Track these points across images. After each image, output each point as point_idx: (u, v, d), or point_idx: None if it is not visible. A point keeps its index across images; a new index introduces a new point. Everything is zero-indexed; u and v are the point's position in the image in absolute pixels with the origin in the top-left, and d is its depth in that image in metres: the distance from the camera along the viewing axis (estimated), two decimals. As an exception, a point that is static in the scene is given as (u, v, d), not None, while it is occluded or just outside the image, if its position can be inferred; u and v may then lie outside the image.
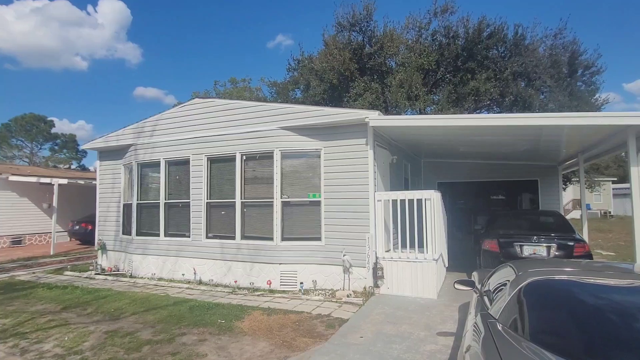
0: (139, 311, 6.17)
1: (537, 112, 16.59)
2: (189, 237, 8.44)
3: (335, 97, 18.50)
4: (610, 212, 32.96)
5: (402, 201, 6.91)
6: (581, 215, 9.53)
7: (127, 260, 9.33)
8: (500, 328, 2.66)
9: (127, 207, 9.64)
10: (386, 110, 16.31)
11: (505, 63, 17.39)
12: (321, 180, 7.38)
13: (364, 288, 6.87)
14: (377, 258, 6.93)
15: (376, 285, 6.85)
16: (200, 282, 8.07)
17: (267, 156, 7.65)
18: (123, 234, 9.71)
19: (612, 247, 13.22)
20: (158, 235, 8.85)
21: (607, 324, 2.44)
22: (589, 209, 26.41)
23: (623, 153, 8.56)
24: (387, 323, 5.32)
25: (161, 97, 77.30)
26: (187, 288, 7.78)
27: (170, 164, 8.91)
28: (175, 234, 8.73)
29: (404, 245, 6.91)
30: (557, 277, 2.88)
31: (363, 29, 18.48)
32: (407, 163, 10.15)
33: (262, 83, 30.31)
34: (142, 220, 9.27)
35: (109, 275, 9.20)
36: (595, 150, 7.75)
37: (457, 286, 4.02)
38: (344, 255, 6.98)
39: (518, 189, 11.75)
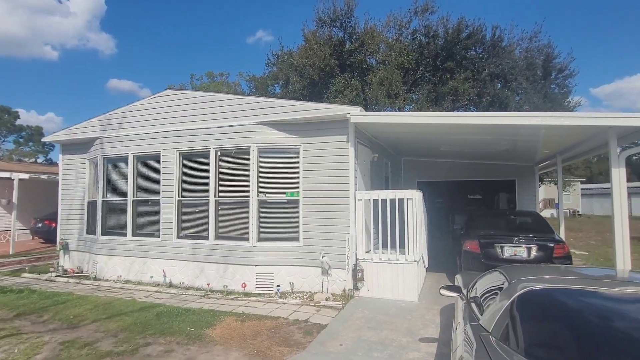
0: (101, 318, 5.70)
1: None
2: (158, 237, 7.95)
3: (315, 93, 18.18)
4: (578, 212, 34.15)
5: (383, 201, 6.69)
6: (558, 215, 9.62)
7: (92, 261, 8.74)
8: (494, 342, 2.45)
9: (91, 205, 9.03)
10: (366, 108, 16.12)
11: (483, 64, 17.56)
12: (300, 179, 7.07)
13: (344, 291, 6.62)
14: (357, 259, 6.69)
15: (356, 288, 6.61)
16: (170, 285, 7.62)
17: (243, 152, 7.27)
18: (87, 233, 9.10)
19: (583, 247, 13.51)
20: (125, 234, 8.31)
21: (606, 337, 2.26)
22: (558, 208, 27.22)
23: (594, 158, 8.72)
24: (367, 328, 5.08)
25: (136, 90, 74.84)
26: (156, 291, 7.31)
27: (140, 159, 8.38)
28: (143, 233, 8.22)
29: (384, 246, 6.70)
30: (552, 285, 2.69)
31: (344, 25, 18.23)
32: (387, 161, 9.97)
33: (240, 78, 29.66)
34: (108, 218, 8.70)
35: (71, 277, 8.59)
36: (574, 151, 7.78)
37: (443, 292, 3.81)
38: (322, 257, 6.70)
39: (496, 188, 11.81)
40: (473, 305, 3.37)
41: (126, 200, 8.34)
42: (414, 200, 6.56)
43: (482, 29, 17.67)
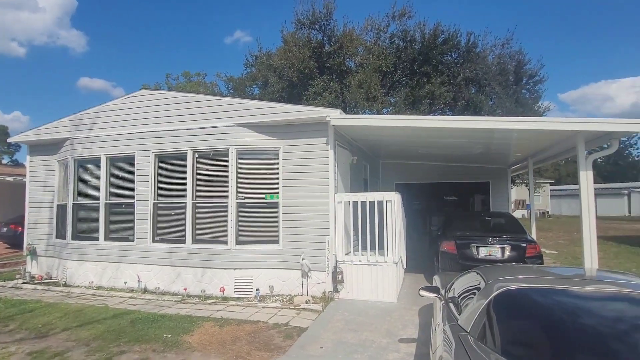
0: (71, 326, 5.47)
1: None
2: (133, 241, 7.71)
3: (294, 95, 18.16)
4: (548, 212, 35.47)
5: (363, 203, 6.74)
6: (530, 216, 9.96)
7: (61, 267, 8.39)
8: (472, 341, 2.50)
9: (61, 208, 8.68)
10: (345, 110, 16.22)
11: (458, 69, 17.99)
12: (279, 181, 7.03)
13: (323, 293, 6.62)
14: (336, 262, 6.70)
15: (336, 290, 6.62)
16: (145, 291, 7.40)
17: (222, 154, 7.17)
18: (57, 237, 8.74)
19: (553, 246, 14.02)
20: (97, 239, 8.02)
21: (578, 334, 2.35)
22: (529, 208, 28.19)
23: (562, 160, 9.08)
24: (347, 330, 5.09)
25: (108, 89, 72.72)
26: (130, 297, 7.09)
27: (113, 160, 8.12)
28: (117, 237, 7.96)
29: (364, 248, 6.74)
30: (526, 285, 2.77)
31: (323, 28, 18.31)
32: (366, 164, 10.05)
33: (218, 78, 29.30)
34: (78, 222, 8.38)
35: (40, 284, 8.22)
36: (544, 154, 8.07)
37: (422, 293, 3.86)
38: (302, 259, 6.68)
39: (471, 190, 12.10)
40: (451, 305, 3.44)
41: (98, 203, 8.06)
42: (392, 202, 6.64)
43: (457, 35, 18.12)
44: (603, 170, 53.56)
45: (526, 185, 24.04)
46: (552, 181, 37.83)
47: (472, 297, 3.04)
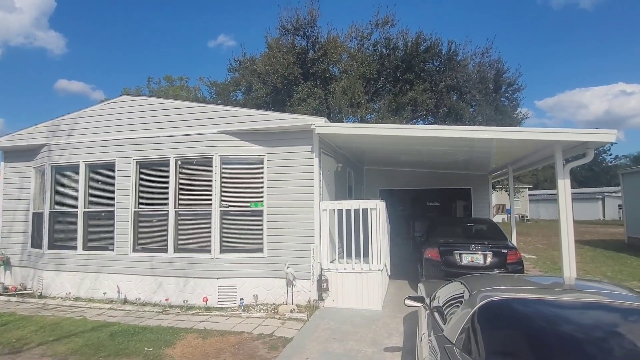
0: (47, 340, 5.28)
1: (467, 123, 17.72)
2: (112, 250, 7.52)
3: (278, 100, 18.14)
4: (527, 216, 36.33)
5: (348, 211, 6.75)
6: (510, 221, 10.19)
7: (37, 277, 8.10)
8: (457, 354, 2.52)
9: (37, 216, 8.40)
10: (329, 117, 16.30)
11: (440, 76, 18.34)
12: (264, 189, 6.99)
13: (308, 301, 6.58)
14: (321, 270, 6.68)
15: (321, 298, 6.60)
16: (125, 302, 7.21)
17: (206, 162, 7.08)
18: (32, 247, 8.44)
19: (532, 250, 14.35)
20: (75, 248, 7.78)
21: (560, 343, 2.41)
22: (509, 213, 28.85)
23: (541, 167, 9.34)
24: (333, 340, 5.07)
25: (87, 91, 71.09)
26: (110, 309, 6.89)
27: (92, 167, 7.92)
28: (96, 246, 7.75)
29: (349, 256, 6.75)
30: (509, 295, 2.82)
31: (307, 34, 18.38)
32: (351, 170, 10.09)
33: (201, 83, 29.06)
34: (55, 231, 8.12)
35: (13, 295, 7.91)
36: (523, 162, 8.28)
37: (408, 302, 3.88)
38: (287, 268, 6.64)
39: (453, 196, 12.31)
40: (436, 314, 3.47)
41: (77, 211, 7.83)
42: (377, 210, 6.68)
43: (438, 43, 18.48)
44: (578, 175, 55.28)
45: (506, 191, 24.58)
46: (531, 186, 38.76)
47: (457, 307, 3.08)
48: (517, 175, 15.11)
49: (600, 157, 55.85)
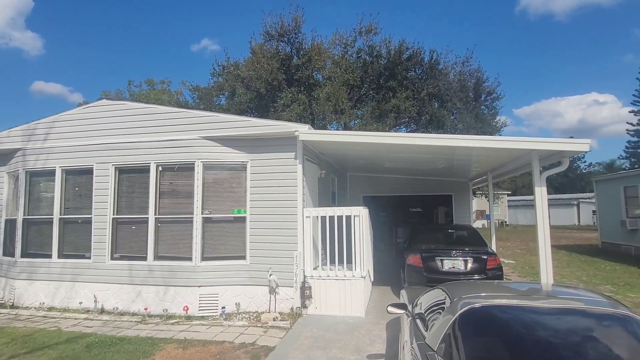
0: (19, 353, 5.07)
1: (449, 131, 18.07)
2: (89, 258, 7.30)
3: (262, 106, 18.10)
4: (506, 222, 37.15)
5: (331, 217, 6.76)
6: (489, 226, 10.40)
7: (8, 286, 7.78)
8: (439, 361, 2.55)
9: (10, 223, 8.09)
10: (313, 123, 16.36)
11: (422, 84, 18.65)
12: (247, 195, 6.93)
13: (292, 309, 6.54)
14: (304, 277, 6.65)
15: (304, 306, 6.56)
16: (102, 311, 7.00)
17: (188, 168, 6.98)
18: (4, 255, 8.12)
19: (511, 255, 14.65)
20: (50, 256, 7.53)
21: (538, 347, 2.46)
22: (489, 219, 29.44)
23: (519, 175, 9.59)
24: (316, 348, 5.05)
25: (65, 94, 69.28)
26: (86, 319, 6.68)
27: (69, 173, 7.70)
28: (72, 254, 7.51)
29: (332, 263, 6.75)
30: (489, 302, 2.87)
31: (291, 40, 18.46)
32: (334, 177, 10.12)
33: (183, 87, 28.64)
34: (29, 238, 7.84)
35: (-18, 306, 7.58)
36: (502, 169, 8.47)
37: (391, 310, 3.90)
38: (270, 275, 6.58)
39: (435, 202, 12.49)
40: (418, 321, 3.49)
41: (52, 218, 7.58)
42: (360, 217, 6.71)
43: (421, 52, 18.82)
44: (555, 182, 56.91)
45: (486, 197, 25.11)
46: (510, 192, 39.73)
47: (439, 314, 3.11)
48: (496, 182, 15.49)
49: (575, 165, 57.76)
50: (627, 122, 41.63)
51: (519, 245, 18.87)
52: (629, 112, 41.30)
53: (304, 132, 6.53)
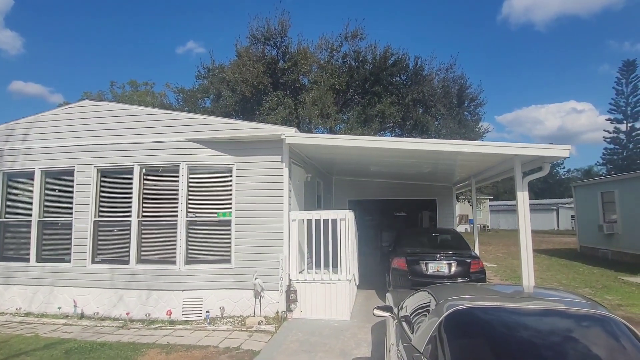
0: (-7, 361, 4.90)
1: (433, 136, 18.34)
2: (69, 261, 7.11)
3: (247, 109, 18.02)
4: (488, 226, 37.81)
5: (317, 221, 6.77)
6: (473, 231, 10.59)
7: (-18, 292, 7.51)
8: (425, 363, 2.58)
9: (-15, 226, 7.82)
10: (298, 126, 16.34)
11: (406, 90, 18.89)
12: (232, 198, 6.88)
13: (277, 313, 6.50)
14: (290, 280, 6.63)
15: (289, 310, 6.53)
16: (82, 316, 6.82)
17: (172, 170, 6.90)
18: (-22, 259, 7.84)
19: (493, 259, 14.91)
20: (27, 260, 7.30)
21: (521, 347, 2.52)
22: (472, 223, 29.91)
23: (500, 181, 9.85)
24: (301, 352, 5.03)
25: (45, 94, 67.44)
26: (65, 324, 6.49)
27: (49, 175, 7.51)
28: (51, 258, 7.31)
29: (317, 266, 6.75)
30: (474, 304, 2.92)
31: (277, 44, 18.46)
32: (320, 181, 10.15)
33: (167, 89, 28.29)
34: (5, 241, 7.60)
35: (-46, 312, 7.29)
36: (485, 174, 8.64)
37: (377, 312, 3.92)
38: (255, 279, 6.53)
39: (419, 206, 12.63)
40: (404, 324, 3.53)
41: (30, 220, 7.37)
42: (346, 220, 6.74)
43: (406, 58, 19.08)
44: (535, 187, 58.28)
45: (469, 202, 25.55)
46: (492, 197, 40.48)
47: (424, 316, 3.15)
48: (479, 186, 15.83)
49: (555, 170, 59.27)
50: (604, 130, 42.99)
51: (501, 249, 19.22)
52: (606, 119, 42.70)
53: (291, 135, 6.54)
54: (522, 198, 6.09)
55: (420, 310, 3.41)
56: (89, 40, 71.31)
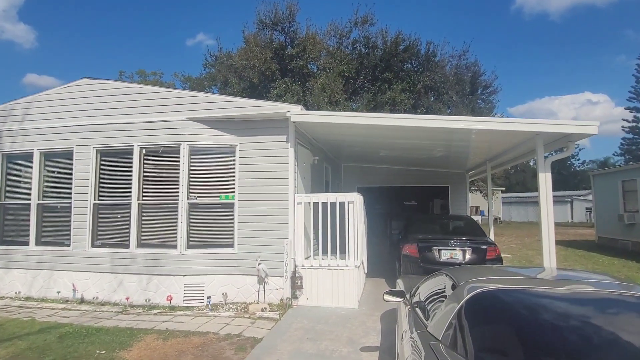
0: (-15, 344, 4.69)
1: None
2: (69, 245, 6.91)
3: (255, 96, 17.64)
4: (500, 218, 37.09)
5: (324, 204, 6.43)
6: (489, 216, 10.17)
7: (-17, 276, 7.37)
8: (444, 351, 2.23)
9: (-15, 209, 7.66)
10: (307, 113, 15.98)
11: (418, 77, 18.34)
12: (235, 180, 6.57)
13: (281, 300, 6.21)
14: (295, 266, 6.32)
15: (294, 296, 6.24)
16: (82, 301, 6.63)
17: (173, 151, 6.60)
18: (-21, 242, 7.69)
19: (507, 250, 14.42)
20: (27, 243, 7.12)
21: (559, 336, 2.16)
22: (483, 215, 29.30)
23: (512, 169, 9.40)
24: (306, 340, 4.72)
25: (57, 86, 67.80)
26: (64, 309, 6.29)
27: (48, 156, 7.29)
28: (50, 242, 7.11)
29: (324, 252, 6.42)
30: (501, 286, 2.55)
31: (285, 29, 18.05)
32: (327, 166, 9.79)
33: (175, 78, 28.09)
34: (5, 225, 7.43)
35: (-45, 296, 7.16)
36: (502, 157, 8.18)
37: (387, 298, 3.59)
38: (259, 264, 6.24)
39: (431, 194, 12.19)
40: (418, 310, 3.18)
41: (29, 203, 7.17)
42: (355, 203, 6.39)
43: (417, 44, 18.51)
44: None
45: (480, 192, 24.94)
46: (504, 189, 39.70)
47: (442, 301, 2.80)
48: (493, 173, 15.34)
49: (569, 162, 57.95)
50: (623, 119, 41.58)
51: (514, 240, 18.71)
52: (625, 109, 41.33)
53: (296, 112, 6.18)
54: (545, 180, 5.67)
55: (437, 296, 3.06)
56: (100, 33, 71.47)
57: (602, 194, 15.60)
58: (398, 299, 3.61)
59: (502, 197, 39.42)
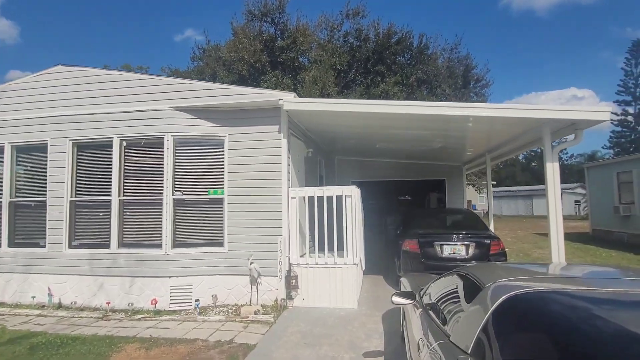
0: (-55, 358, 4.20)
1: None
2: (44, 246, 6.39)
3: (244, 89, 17.14)
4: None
5: (320, 198, 6.03)
6: (489, 209, 9.91)
7: (-49, 280, 6.81)
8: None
9: (-48, 209, 7.08)
10: (298, 107, 15.53)
11: (410, 70, 18.04)
12: (225, 174, 6.13)
13: (275, 301, 5.80)
14: (290, 265, 5.92)
15: (289, 297, 5.84)
16: (59, 306, 6.12)
17: (156, 143, 6.12)
18: (-54, 245, 7.12)
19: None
20: (-1, 245, 6.60)
21: (614, 343, 1.80)
22: (475, 208, 29.26)
23: (501, 164, 9.09)
24: (304, 345, 4.34)
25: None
26: (39, 315, 5.80)
27: (20, 150, 6.74)
28: (24, 242, 6.59)
29: (320, 249, 6.03)
30: (540, 288, 2.17)
31: (275, 21, 17.54)
32: (322, 159, 9.39)
33: (162, 73, 27.28)
34: (-26, 225, 6.86)
35: None
36: (502, 148, 7.87)
37: (396, 300, 3.21)
38: (251, 264, 5.82)
39: (427, 188, 11.88)
40: (432, 314, 2.81)
41: (0, 201, 6.63)
42: (352, 197, 6.00)
43: (410, 36, 18.19)
44: (537, 172, 57.57)
45: (473, 186, 24.83)
46: (495, 183, 39.80)
47: (465, 306, 2.43)
48: (480, 170, 15.09)
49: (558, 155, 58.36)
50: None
51: (508, 233, 18.60)
52: (614, 102, 41.71)
53: (289, 100, 5.75)
54: (553, 170, 5.37)
55: (456, 299, 2.69)
56: (83, 27, 69.63)
57: (596, 186, 15.49)
58: (408, 301, 3.23)
59: (493, 191, 39.54)
